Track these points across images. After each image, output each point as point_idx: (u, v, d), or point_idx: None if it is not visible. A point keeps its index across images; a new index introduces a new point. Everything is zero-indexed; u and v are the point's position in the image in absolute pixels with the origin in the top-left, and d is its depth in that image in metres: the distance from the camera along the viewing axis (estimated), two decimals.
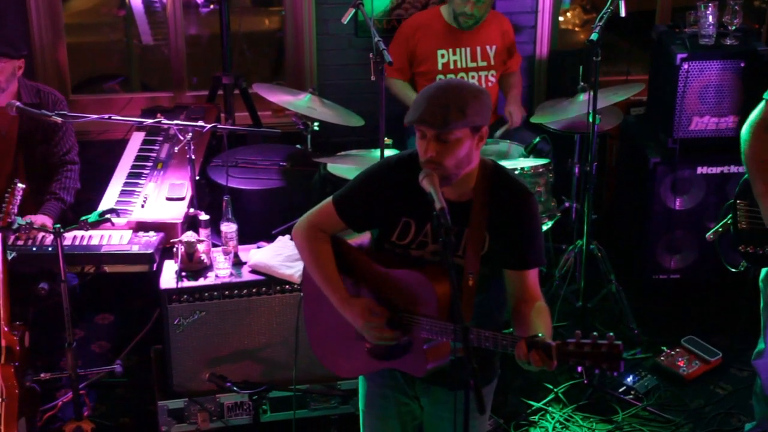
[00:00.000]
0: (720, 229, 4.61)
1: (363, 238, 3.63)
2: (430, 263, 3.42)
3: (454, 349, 3.24)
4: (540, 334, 3.13)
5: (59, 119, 4.89)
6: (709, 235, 4.66)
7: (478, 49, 6.08)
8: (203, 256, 5.00)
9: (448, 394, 3.47)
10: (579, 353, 3.01)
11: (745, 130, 4.41)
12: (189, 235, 4.98)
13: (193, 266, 4.97)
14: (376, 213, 3.47)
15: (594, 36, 4.97)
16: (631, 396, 5.40)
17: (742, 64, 5.72)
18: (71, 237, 4.92)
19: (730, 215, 4.58)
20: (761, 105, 4.38)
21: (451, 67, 6.06)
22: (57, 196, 5.24)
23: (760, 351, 4.67)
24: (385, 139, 5.19)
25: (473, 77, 6.07)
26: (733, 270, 4.61)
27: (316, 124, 5.88)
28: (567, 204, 6.13)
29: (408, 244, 3.45)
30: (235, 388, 4.89)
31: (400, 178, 3.39)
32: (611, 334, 2.99)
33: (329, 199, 3.55)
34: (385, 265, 3.47)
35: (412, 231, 3.43)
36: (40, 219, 5.06)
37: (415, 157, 3.35)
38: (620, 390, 5.42)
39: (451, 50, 6.05)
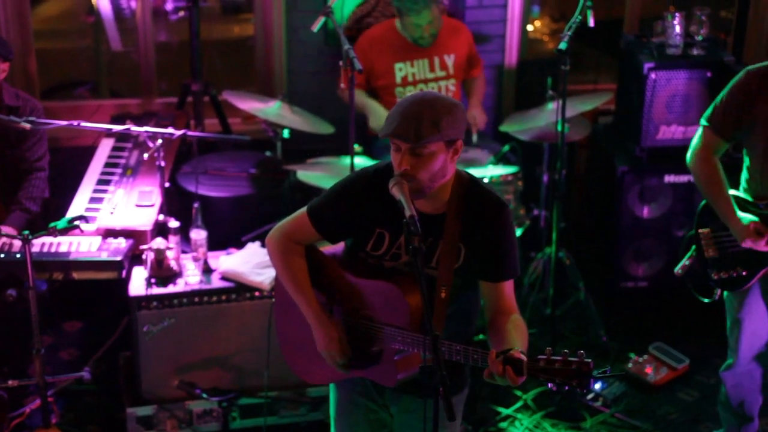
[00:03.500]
0: (687, 263, 4.64)
1: (337, 246, 3.63)
2: (403, 274, 3.43)
3: (424, 357, 3.26)
4: (516, 347, 3.15)
5: (27, 126, 4.86)
6: (677, 270, 4.66)
7: (436, 59, 6.03)
8: (173, 263, 4.99)
9: (417, 402, 3.48)
10: (549, 370, 3.05)
11: (690, 158, 4.49)
12: (158, 242, 4.97)
13: (163, 273, 4.96)
14: (351, 224, 3.47)
15: (563, 45, 4.99)
16: (599, 403, 5.43)
17: (709, 74, 5.77)
18: (40, 243, 4.89)
19: (694, 246, 4.62)
20: (700, 131, 4.48)
21: (410, 79, 6.02)
22: (23, 206, 5.20)
23: (729, 364, 4.72)
24: (355, 146, 5.19)
25: (433, 88, 6.02)
26: (707, 300, 4.64)
27: (285, 131, 5.88)
28: (536, 212, 6.16)
29: (382, 254, 3.45)
30: (204, 395, 4.89)
31: (376, 189, 3.37)
32: (581, 351, 3.02)
33: (304, 209, 3.52)
34: (358, 276, 3.47)
35: (386, 242, 3.44)
36: (4, 230, 5.01)
37: (392, 168, 3.34)
38: (588, 397, 5.44)
39: (408, 63, 6.01)
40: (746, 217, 4.35)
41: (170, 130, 5.06)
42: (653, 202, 5.99)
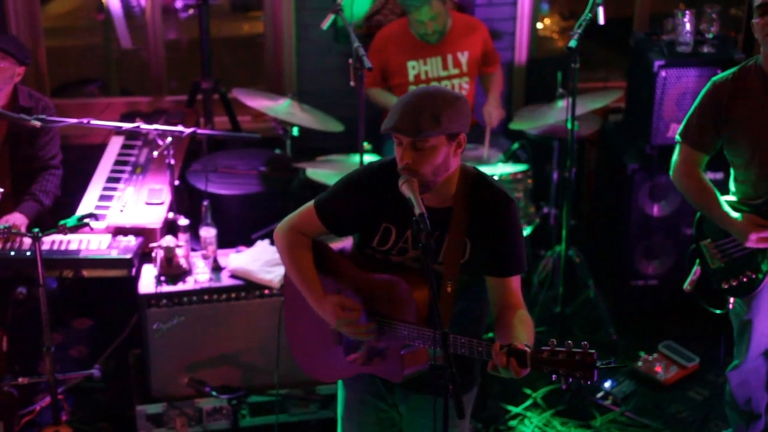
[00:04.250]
0: (694, 277, 4.62)
1: (345, 242, 3.63)
2: (410, 269, 3.42)
3: (433, 355, 3.25)
4: (522, 341, 3.14)
5: (37, 123, 4.86)
6: (686, 287, 4.64)
7: (449, 56, 6.02)
8: (182, 261, 4.99)
9: (426, 401, 3.48)
10: (553, 361, 3.01)
11: (673, 175, 4.48)
12: (168, 240, 4.98)
13: (172, 271, 4.96)
14: (357, 218, 3.47)
15: (573, 43, 4.99)
16: (609, 401, 5.42)
17: (719, 72, 5.75)
18: (50, 241, 4.90)
19: (698, 260, 4.60)
20: (677, 147, 4.47)
21: (423, 77, 6.00)
22: (35, 197, 5.22)
23: (735, 365, 4.72)
24: (364, 144, 5.19)
25: (446, 86, 6.00)
26: (720, 312, 4.62)
27: (295, 129, 5.88)
28: (546, 210, 6.15)
29: (388, 249, 3.45)
30: (213, 393, 4.89)
31: (382, 184, 3.38)
32: (585, 342, 3.00)
33: (311, 202, 3.55)
34: (365, 270, 3.47)
35: (393, 237, 3.44)
36: (14, 217, 5.03)
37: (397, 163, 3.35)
38: (598, 395, 5.44)
39: (421, 61, 6.00)
40: (741, 214, 4.34)
41: (180, 128, 5.05)
42: (663, 200, 5.98)
